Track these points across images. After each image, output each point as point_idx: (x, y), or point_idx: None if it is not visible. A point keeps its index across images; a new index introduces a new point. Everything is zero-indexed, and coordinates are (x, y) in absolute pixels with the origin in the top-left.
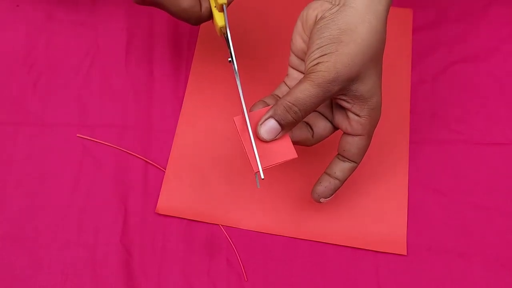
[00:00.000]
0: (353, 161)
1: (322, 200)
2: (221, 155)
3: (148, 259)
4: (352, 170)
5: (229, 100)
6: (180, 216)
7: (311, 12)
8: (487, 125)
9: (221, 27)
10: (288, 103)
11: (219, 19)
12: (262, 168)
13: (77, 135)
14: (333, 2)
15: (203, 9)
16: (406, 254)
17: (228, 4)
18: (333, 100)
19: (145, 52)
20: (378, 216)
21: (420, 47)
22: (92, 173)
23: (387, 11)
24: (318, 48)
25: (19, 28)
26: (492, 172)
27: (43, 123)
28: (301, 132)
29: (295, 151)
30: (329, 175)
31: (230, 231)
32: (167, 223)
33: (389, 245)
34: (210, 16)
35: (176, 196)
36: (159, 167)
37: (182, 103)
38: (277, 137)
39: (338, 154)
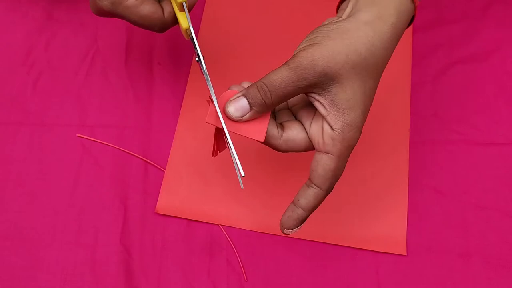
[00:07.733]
0: (317, 186)
1: (286, 231)
2: (221, 155)
3: (148, 259)
4: (317, 198)
5: None
6: (180, 216)
7: (324, 23)
8: (487, 125)
9: (186, 30)
10: (261, 83)
11: (184, 21)
12: (228, 130)
13: (77, 135)
14: (341, 16)
15: (166, 13)
16: (406, 254)
17: (192, 5)
18: (311, 101)
19: (145, 52)
20: (378, 216)
21: (420, 47)
22: (92, 173)
23: (395, 34)
24: (307, 40)
25: (19, 28)
26: (492, 172)
27: (43, 123)
28: (269, 126)
29: (264, 135)
30: (293, 203)
31: (230, 231)
32: (167, 223)
33: (389, 245)
34: (175, 21)
35: (176, 196)
36: (159, 167)
37: (182, 103)
38: (244, 118)
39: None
